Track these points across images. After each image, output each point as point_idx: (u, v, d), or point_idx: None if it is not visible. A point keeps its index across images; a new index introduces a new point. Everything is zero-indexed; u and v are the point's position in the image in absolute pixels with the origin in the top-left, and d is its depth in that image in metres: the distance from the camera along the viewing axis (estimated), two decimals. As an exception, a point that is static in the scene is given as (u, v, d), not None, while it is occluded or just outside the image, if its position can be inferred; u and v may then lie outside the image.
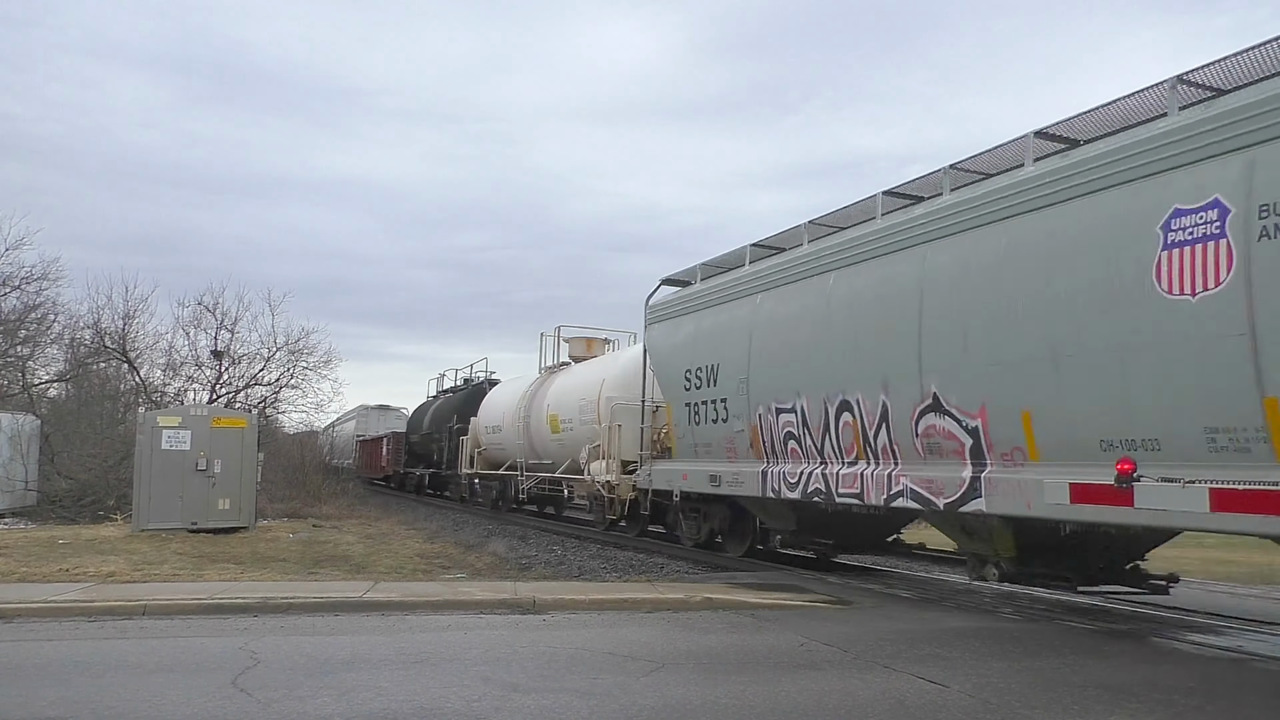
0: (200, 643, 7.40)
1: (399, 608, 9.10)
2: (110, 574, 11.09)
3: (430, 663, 6.73)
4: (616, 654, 7.13)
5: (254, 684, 5.99)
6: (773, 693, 5.98)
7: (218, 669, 6.39)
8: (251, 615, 8.65)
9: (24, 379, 27.59)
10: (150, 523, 16.12)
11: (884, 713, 5.57)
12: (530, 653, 7.14)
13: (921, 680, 6.37)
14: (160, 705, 5.50)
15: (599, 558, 15.57)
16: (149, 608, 8.70)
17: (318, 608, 8.97)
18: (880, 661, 6.99)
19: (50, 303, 29.02)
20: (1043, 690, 6.14)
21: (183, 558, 12.92)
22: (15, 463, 20.78)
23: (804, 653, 7.34)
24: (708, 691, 5.98)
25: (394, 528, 20.44)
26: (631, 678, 6.33)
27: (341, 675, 6.26)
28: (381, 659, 6.81)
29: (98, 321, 27.74)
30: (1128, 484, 7.89)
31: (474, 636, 7.84)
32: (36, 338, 29.40)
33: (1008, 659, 7.16)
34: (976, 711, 5.61)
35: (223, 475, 16.76)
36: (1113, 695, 6.04)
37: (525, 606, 9.28)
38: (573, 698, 5.78)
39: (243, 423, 17.61)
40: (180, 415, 17.18)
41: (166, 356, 28.23)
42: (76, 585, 10.05)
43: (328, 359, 29.72)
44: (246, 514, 17.08)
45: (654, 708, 5.58)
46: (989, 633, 8.41)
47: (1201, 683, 6.52)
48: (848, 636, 7.99)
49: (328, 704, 5.54)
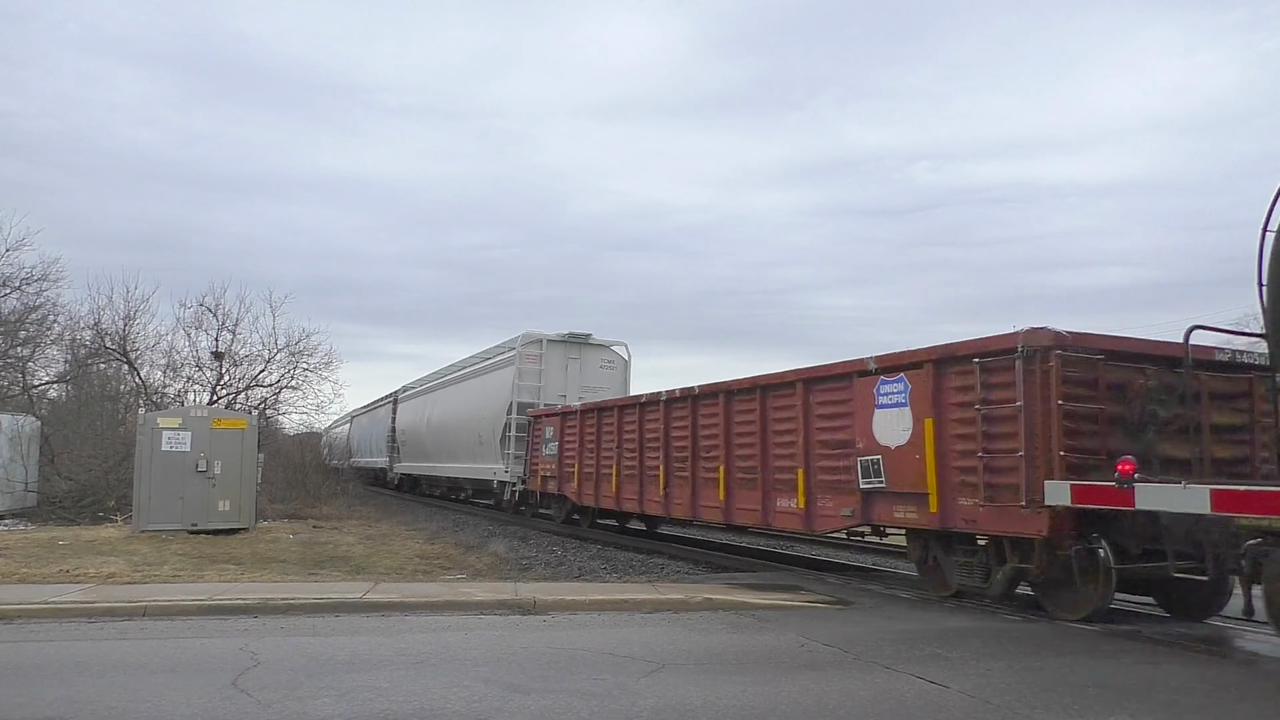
0: (200, 643, 7.40)
1: (399, 608, 9.10)
2: (110, 575, 11.10)
3: (431, 663, 6.73)
4: (617, 654, 7.13)
5: (254, 685, 5.99)
6: (773, 693, 5.98)
7: (218, 670, 6.40)
8: (251, 616, 8.65)
9: (24, 380, 27.58)
10: (150, 524, 16.13)
11: (884, 713, 5.57)
12: (531, 653, 7.14)
13: (922, 680, 6.37)
14: (160, 706, 5.50)
15: (599, 558, 15.57)
16: (149, 609, 8.71)
17: (318, 608, 8.97)
18: (880, 662, 6.99)
19: (50, 303, 29.06)
20: (1043, 690, 6.14)
21: (183, 559, 12.93)
22: (15, 464, 20.78)
23: (804, 653, 7.35)
24: (708, 692, 5.98)
25: (394, 528, 20.45)
26: (632, 678, 6.33)
27: (342, 676, 6.26)
28: (382, 660, 6.81)
29: (98, 322, 27.76)
30: (1128, 484, 7.92)
31: (474, 637, 7.85)
32: (37, 338, 29.43)
33: (1008, 659, 7.16)
34: (977, 711, 5.61)
35: (223, 476, 16.77)
36: (1113, 695, 6.04)
37: (526, 607, 9.28)
38: (573, 698, 5.78)
39: (243, 424, 17.63)
40: (180, 416, 17.20)
41: (167, 357, 28.25)
42: (77, 586, 10.06)
43: (328, 360, 29.75)
44: (246, 515, 17.09)
45: (654, 708, 5.58)
46: (989, 633, 8.41)
47: (1201, 683, 6.52)
48: (848, 637, 8.00)
49: (328, 704, 5.54)
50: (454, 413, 28.14)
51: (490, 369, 25.28)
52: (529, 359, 22.83)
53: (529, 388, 22.65)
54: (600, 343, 23.87)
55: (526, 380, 22.68)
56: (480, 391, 25.46)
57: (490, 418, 24.01)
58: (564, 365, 23.21)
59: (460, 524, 22.75)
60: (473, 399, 26.09)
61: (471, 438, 25.84)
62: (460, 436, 27.18)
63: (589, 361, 23.52)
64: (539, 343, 23.04)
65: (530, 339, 23.00)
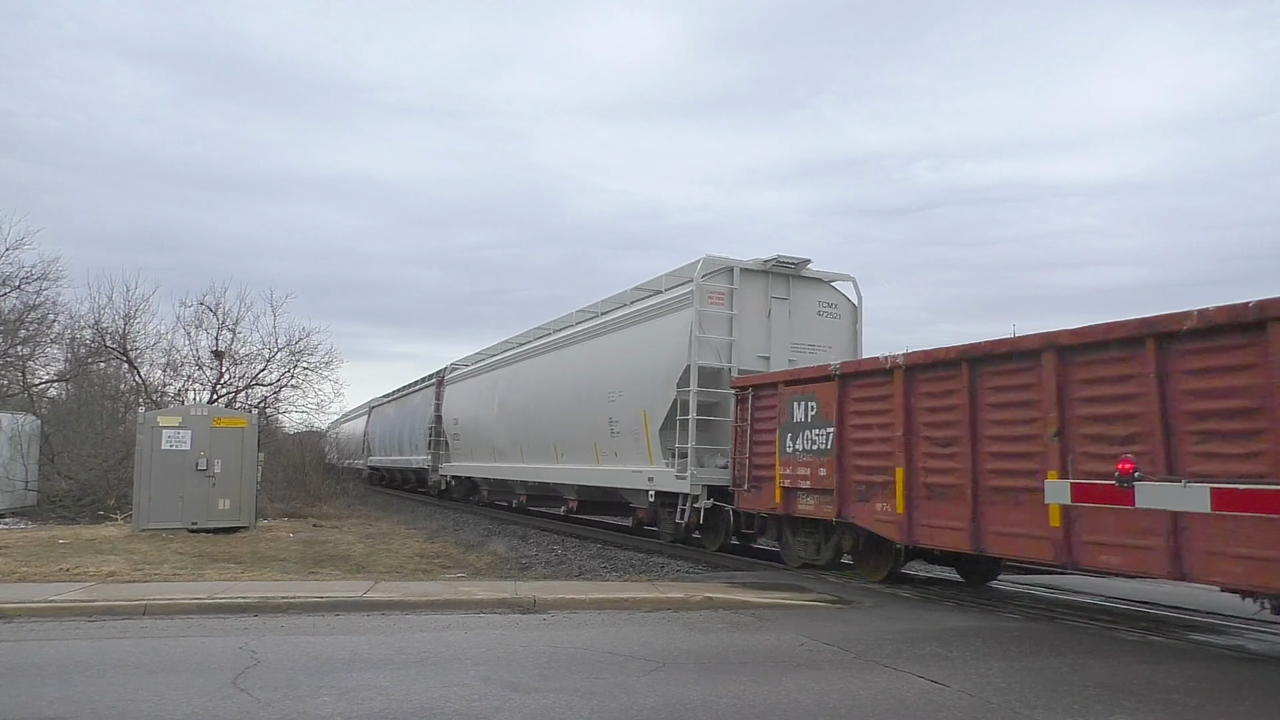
0: (200, 642, 7.40)
1: (399, 607, 9.10)
2: (110, 574, 11.10)
3: (430, 662, 6.73)
4: (617, 653, 7.13)
5: (254, 684, 5.99)
6: (773, 692, 5.98)
7: (218, 669, 6.40)
8: (252, 615, 8.65)
9: (24, 379, 27.60)
10: (150, 523, 16.13)
11: (884, 712, 5.57)
12: (531, 652, 7.14)
13: (922, 680, 6.37)
14: (160, 705, 5.50)
15: (599, 557, 15.57)
16: (149, 607, 8.71)
17: (318, 607, 8.97)
18: (881, 661, 6.99)
19: (50, 302, 29.09)
20: (1043, 690, 6.14)
21: (183, 557, 12.92)
22: (15, 463, 20.79)
23: (804, 652, 7.34)
24: (708, 691, 5.98)
25: (394, 527, 20.45)
26: (632, 677, 6.33)
27: (342, 675, 6.26)
28: (382, 658, 6.81)
29: (98, 321, 27.77)
30: (1129, 484, 7.90)
31: (474, 636, 7.84)
32: (37, 337, 29.43)
33: (1008, 659, 7.16)
34: (977, 711, 5.61)
35: (223, 475, 16.76)
36: (1113, 695, 6.04)
37: (526, 606, 9.28)
38: (573, 697, 5.78)
39: (243, 423, 17.61)
40: (180, 415, 17.18)
41: (167, 356, 28.22)
42: (77, 585, 10.05)
43: (328, 359, 29.69)
44: (247, 514, 17.08)
45: (655, 707, 5.58)
46: (989, 632, 8.41)
47: (1202, 682, 6.52)
48: (848, 636, 8.00)
49: (328, 704, 5.54)
50: (559, 389, 20.28)
51: (641, 318, 17.17)
52: (713, 298, 15.15)
53: (712, 344, 15.04)
54: (818, 275, 16.19)
55: (710, 330, 15.05)
56: (619, 353, 17.64)
57: (640, 392, 16.31)
58: (765, 309, 15.58)
59: (460, 523, 22.75)
60: (604, 365, 18.17)
61: (593, 425, 18.26)
62: (570, 423, 19.61)
63: (802, 304, 15.95)
64: (728, 273, 15.37)
65: (715, 265, 15.41)
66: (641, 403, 16.26)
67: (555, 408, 20.41)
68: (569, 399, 19.64)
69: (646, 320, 16.94)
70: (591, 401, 18.33)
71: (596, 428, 18.12)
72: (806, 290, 16.03)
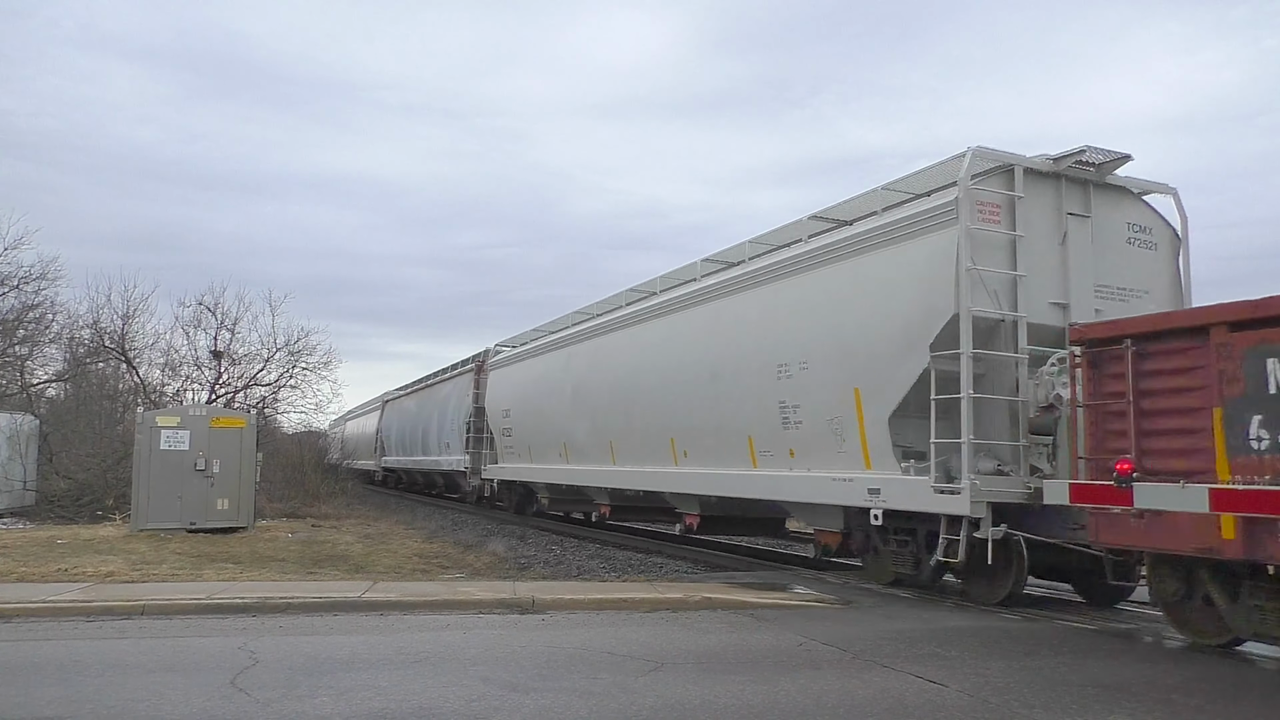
0: (199, 642, 7.39)
1: (398, 607, 9.09)
2: (109, 574, 11.09)
3: (429, 662, 6.72)
4: (616, 653, 7.13)
5: (253, 684, 5.98)
6: (772, 692, 5.98)
7: (216, 669, 6.39)
8: (250, 615, 8.64)
9: (22, 379, 27.56)
10: (149, 523, 16.11)
11: (883, 712, 5.56)
12: (529, 652, 7.13)
13: (921, 680, 6.37)
14: (159, 705, 5.49)
15: (598, 557, 15.57)
16: (148, 608, 8.70)
17: (316, 607, 8.96)
18: (880, 661, 6.99)
19: (49, 302, 29.03)
20: (1042, 690, 6.13)
21: (181, 557, 12.91)
22: (14, 463, 20.77)
23: (803, 652, 7.34)
24: (707, 691, 5.98)
25: (393, 527, 20.44)
26: (631, 677, 6.32)
27: (340, 675, 6.25)
28: (380, 659, 6.80)
29: (97, 321, 27.78)
30: (1127, 484, 7.89)
31: (473, 636, 7.84)
32: (35, 337, 29.38)
33: (1007, 659, 7.16)
34: (976, 711, 5.61)
35: (221, 475, 16.74)
36: (1112, 695, 6.04)
37: (524, 606, 9.28)
38: (572, 697, 5.77)
39: (242, 423, 17.60)
40: (179, 415, 17.17)
41: (165, 356, 28.24)
42: (75, 585, 10.04)
43: (327, 359, 29.68)
44: (245, 514, 17.06)
45: (653, 707, 5.58)
46: (989, 632, 8.41)
47: (1201, 683, 6.52)
48: (847, 636, 7.99)
49: (326, 704, 5.53)
50: (682, 365, 14.70)
51: (853, 247, 11.27)
52: (985, 213, 9.90)
53: (986, 283, 9.72)
54: (1124, 183, 10.90)
55: (984, 261, 9.75)
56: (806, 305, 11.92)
57: (851, 361, 10.96)
58: (1059, 231, 10.32)
59: (459, 523, 22.75)
60: (772, 325, 12.52)
61: (749, 412, 12.95)
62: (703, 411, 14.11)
63: (1106, 226, 10.65)
64: (1007, 174, 10.20)
65: (989, 162, 10.21)
66: (852, 376, 10.93)
67: (675, 390, 14.86)
68: (701, 377, 14.07)
69: (866, 249, 11.07)
70: (746, 379, 12.92)
71: (755, 416, 12.79)
72: (1111, 206, 10.77)
